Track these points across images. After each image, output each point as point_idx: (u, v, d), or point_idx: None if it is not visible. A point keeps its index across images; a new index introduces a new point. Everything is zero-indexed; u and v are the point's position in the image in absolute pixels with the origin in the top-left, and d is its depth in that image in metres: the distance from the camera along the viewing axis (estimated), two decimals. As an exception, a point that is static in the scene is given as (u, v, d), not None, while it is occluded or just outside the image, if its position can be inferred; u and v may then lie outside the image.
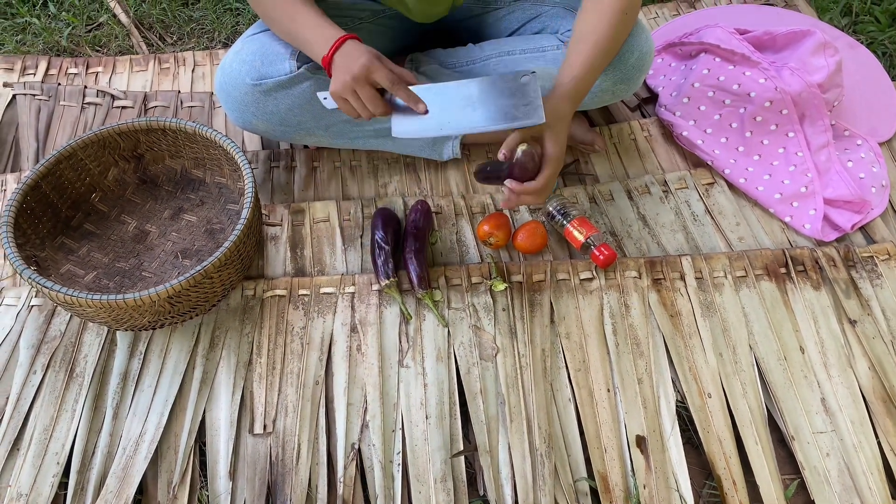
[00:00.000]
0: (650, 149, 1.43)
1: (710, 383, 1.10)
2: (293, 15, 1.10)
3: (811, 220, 1.27)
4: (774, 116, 1.34)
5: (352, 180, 1.39)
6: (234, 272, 1.16)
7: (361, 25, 1.31)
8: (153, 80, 1.60)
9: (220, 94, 1.25)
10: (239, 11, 1.81)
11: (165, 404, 1.09)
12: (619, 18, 1.08)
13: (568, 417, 1.08)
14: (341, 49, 1.05)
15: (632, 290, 1.19)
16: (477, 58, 1.29)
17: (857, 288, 1.20)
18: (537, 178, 1.04)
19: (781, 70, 1.35)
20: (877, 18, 1.67)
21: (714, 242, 1.27)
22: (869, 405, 1.08)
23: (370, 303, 1.19)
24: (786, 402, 1.09)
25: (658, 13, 1.71)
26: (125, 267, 1.24)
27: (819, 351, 1.13)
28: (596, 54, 1.07)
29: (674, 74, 1.50)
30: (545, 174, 1.04)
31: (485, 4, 1.34)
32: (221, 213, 1.31)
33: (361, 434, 1.06)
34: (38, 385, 1.11)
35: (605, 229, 1.29)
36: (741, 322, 1.16)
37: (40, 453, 1.05)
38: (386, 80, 1.03)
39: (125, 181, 1.33)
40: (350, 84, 1.03)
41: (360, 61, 1.02)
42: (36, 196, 1.19)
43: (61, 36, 1.74)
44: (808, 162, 1.32)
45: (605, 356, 1.13)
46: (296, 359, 1.13)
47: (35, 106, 1.52)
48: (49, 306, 1.20)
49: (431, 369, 1.12)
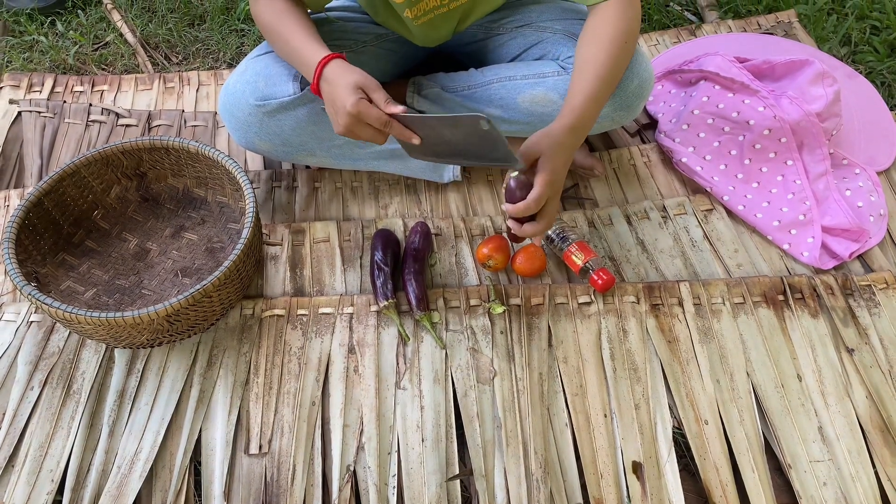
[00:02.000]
0: (649, 174, 1.43)
1: (707, 410, 1.10)
2: (288, 38, 1.11)
3: (809, 247, 1.28)
4: (773, 144, 1.35)
5: (353, 201, 1.39)
6: (234, 291, 1.16)
7: (365, 49, 1.32)
8: (158, 98, 1.62)
9: (224, 115, 1.26)
10: (244, 32, 1.83)
11: (161, 423, 1.09)
12: (619, 47, 1.09)
13: (564, 442, 1.08)
14: (324, 77, 1.05)
15: (630, 316, 1.19)
16: (478, 82, 1.30)
17: (854, 316, 1.20)
18: (525, 199, 1.03)
19: (780, 99, 1.36)
20: (875, 49, 1.69)
21: (712, 269, 1.28)
22: (866, 434, 1.08)
23: (368, 324, 1.19)
24: (783, 429, 1.08)
25: (659, 40, 1.73)
26: (125, 284, 1.24)
27: (816, 379, 1.13)
28: (597, 85, 1.08)
29: (673, 101, 1.51)
30: (531, 195, 1.02)
31: (487, 30, 1.35)
32: (222, 231, 1.31)
33: (357, 456, 1.06)
34: (34, 401, 1.11)
35: (604, 254, 1.30)
36: (739, 349, 1.16)
37: (35, 470, 1.05)
38: (377, 123, 1.01)
39: (127, 199, 1.34)
40: (347, 128, 1.03)
41: (347, 108, 1.00)
42: (38, 212, 1.20)
43: (68, 54, 1.75)
44: (806, 190, 1.33)
45: (603, 381, 1.13)
46: (293, 379, 1.13)
47: (40, 123, 1.53)
48: (48, 322, 1.20)
49: (428, 391, 1.11)
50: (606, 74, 1.08)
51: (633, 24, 1.11)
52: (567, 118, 1.07)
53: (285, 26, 1.12)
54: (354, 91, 1.01)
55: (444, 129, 1.01)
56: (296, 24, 1.11)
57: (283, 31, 1.12)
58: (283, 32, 1.12)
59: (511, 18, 1.33)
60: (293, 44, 1.11)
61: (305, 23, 1.12)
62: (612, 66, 1.09)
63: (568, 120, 1.07)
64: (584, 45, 1.11)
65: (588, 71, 1.08)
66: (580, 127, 1.08)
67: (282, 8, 1.13)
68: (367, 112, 1.00)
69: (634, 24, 1.11)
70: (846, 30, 1.72)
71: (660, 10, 1.85)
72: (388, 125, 1.01)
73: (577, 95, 1.08)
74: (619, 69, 1.12)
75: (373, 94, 1.01)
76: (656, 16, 1.83)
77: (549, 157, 1.04)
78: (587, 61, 1.09)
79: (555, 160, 1.05)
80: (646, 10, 1.85)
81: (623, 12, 1.10)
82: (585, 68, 1.09)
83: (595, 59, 1.09)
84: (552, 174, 1.04)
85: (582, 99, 1.07)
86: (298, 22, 1.12)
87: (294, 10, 1.13)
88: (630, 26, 1.10)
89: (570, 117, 1.07)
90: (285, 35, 1.12)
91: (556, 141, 1.05)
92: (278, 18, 1.12)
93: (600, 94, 1.09)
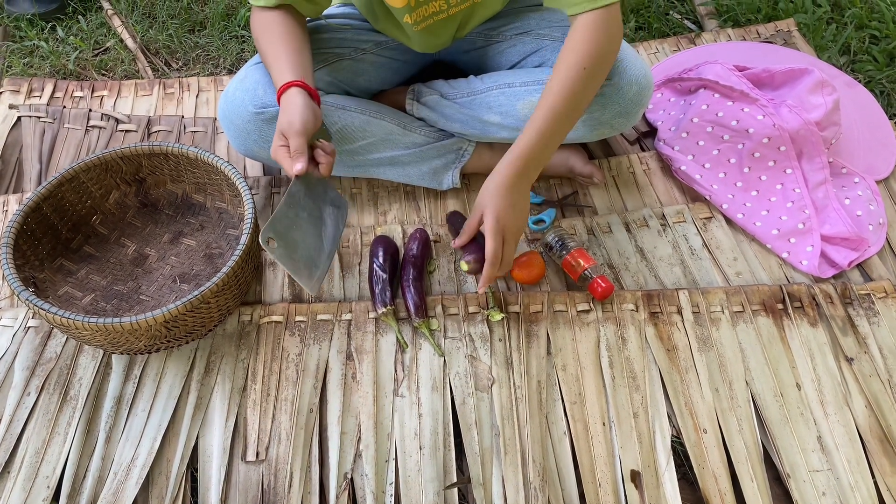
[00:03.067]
0: (649, 182, 1.43)
1: (706, 419, 1.10)
2: (266, 51, 1.15)
3: (808, 256, 1.28)
4: (772, 153, 1.35)
5: (351, 207, 1.39)
6: (232, 297, 1.16)
7: (364, 56, 1.33)
8: (157, 104, 1.62)
9: (223, 121, 1.26)
10: (244, 39, 1.84)
11: (158, 429, 1.08)
12: (578, 76, 1.06)
13: (563, 451, 1.07)
14: (280, 103, 1.09)
15: (629, 323, 1.19)
16: (477, 89, 1.30)
17: (854, 325, 1.20)
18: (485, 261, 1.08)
19: (780, 107, 1.36)
20: (874, 58, 1.69)
21: (711, 277, 1.27)
22: (865, 444, 1.08)
23: (367, 330, 1.19)
24: (782, 439, 1.08)
25: (658, 48, 1.74)
26: (123, 290, 1.24)
27: (816, 388, 1.13)
28: (551, 118, 1.07)
29: (673, 109, 1.51)
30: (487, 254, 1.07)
31: (487, 38, 1.36)
32: (221, 237, 1.31)
33: (354, 463, 1.06)
34: (31, 407, 1.11)
35: (603, 261, 1.29)
36: (738, 357, 1.16)
37: (31, 476, 1.04)
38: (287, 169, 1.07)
39: (126, 204, 1.34)
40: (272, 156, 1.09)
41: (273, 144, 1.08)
42: (37, 217, 1.20)
43: (68, 59, 1.76)
44: (805, 198, 1.33)
45: (601, 389, 1.13)
46: (290, 386, 1.13)
47: (39, 128, 1.53)
48: (45, 328, 1.20)
49: (426, 399, 1.11)
50: (562, 107, 1.07)
51: (602, 47, 1.08)
52: (514, 153, 1.08)
53: (266, 40, 1.15)
54: (279, 136, 1.07)
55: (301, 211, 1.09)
56: (276, 37, 1.14)
57: (263, 44, 1.16)
58: (263, 45, 1.16)
59: (511, 26, 1.33)
60: (268, 59, 1.15)
61: (288, 39, 1.14)
62: (570, 97, 1.07)
63: (514, 156, 1.08)
64: (557, 65, 1.09)
65: (543, 106, 1.08)
66: (532, 159, 1.08)
67: (269, 19, 1.15)
68: (280, 159, 1.07)
69: (606, 46, 1.08)
70: (845, 39, 1.72)
71: (659, 18, 1.85)
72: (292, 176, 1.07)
73: (528, 130, 1.08)
74: (581, 97, 1.09)
75: (278, 154, 1.07)
76: (656, 24, 1.83)
77: (490, 206, 1.07)
78: (546, 94, 1.08)
79: (497, 203, 1.07)
80: (645, 18, 1.85)
81: (593, 34, 1.07)
82: (542, 103, 1.08)
83: (551, 91, 1.08)
84: (496, 222, 1.07)
85: (532, 134, 1.08)
86: (281, 37, 1.14)
87: (282, 24, 1.15)
88: (599, 49, 1.07)
89: (517, 152, 1.08)
90: (264, 48, 1.15)
91: (498, 184, 1.07)
92: (264, 31, 1.16)
93: (555, 127, 1.08)
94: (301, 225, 1.08)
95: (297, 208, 1.07)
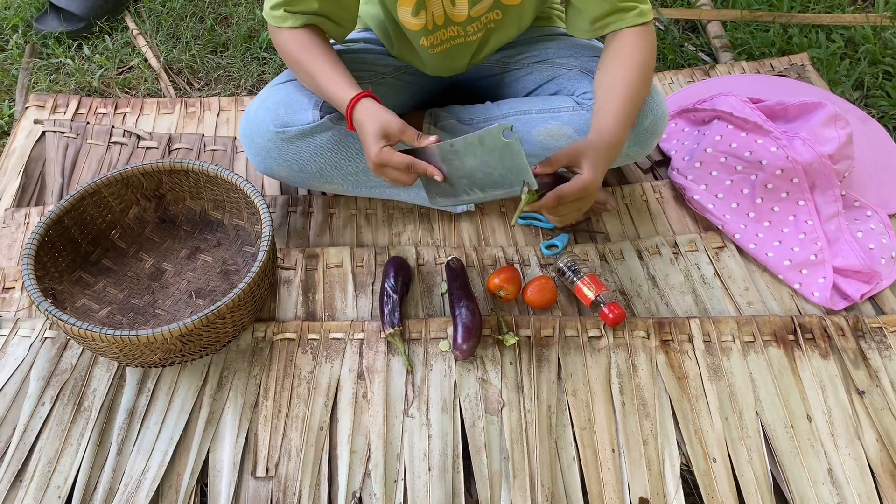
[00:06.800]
0: (661, 210, 1.44)
1: (716, 448, 1.09)
2: (313, 71, 1.15)
3: (820, 288, 1.28)
4: (785, 184, 1.36)
5: (367, 228, 1.41)
6: (247, 313, 1.18)
7: (384, 80, 1.35)
8: (178, 122, 1.65)
9: (244, 140, 1.28)
10: (265, 61, 1.87)
11: (170, 443, 1.09)
12: (643, 72, 1.13)
13: (571, 476, 1.07)
14: (354, 119, 1.09)
15: (640, 351, 1.20)
16: (493, 115, 1.32)
17: (865, 358, 1.20)
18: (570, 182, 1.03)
19: (793, 140, 1.38)
20: (888, 93, 1.70)
21: (723, 306, 1.28)
22: (876, 478, 1.07)
23: (378, 350, 1.19)
24: (792, 470, 1.08)
25: (673, 79, 1.76)
26: (139, 304, 1.26)
27: (826, 420, 1.12)
28: (627, 105, 1.10)
29: (687, 139, 1.53)
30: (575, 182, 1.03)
31: (504, 65, 1.38)
32: (237, 254, 1.33)
33: (363, 483, 1.06)
34: (45, 417, 1.12)
35: (615, 288, 1.30)
36: (748, 387, 1.16)
37: (42, 486, 1.05)
38: (400, 167, 1.05)
39: (145, 219, 1.36)
40: (376, 174, 1.08)
41: (372, 158, 1.05)
42: (58, 230, 1.22)
43: (93, 77, 1.79)
44: (818, 230, 1.33)
45: (612, 416, 1.13)
46: (302, 403, 1.14)
47: (63, 143, 1.56)
48: (62, 339, 1.21)
49: (436, 420, 1.12)
50: (634, 95, 1.11)
51: (652, 52, 1.16)
52: (602, 134, 1.07)
53: (310, 60, 1.15)
54: (378, 140, 1.05)
55: (468, 155, 1.03)
56: (321, 57, 1.14)
57: (308, 64, 1.15)
58: (308, 65, 1.15)
59: (527, 54, 1.35)
60: (318, 78, 1.14)
61: (330, 56, 1.15)
62: (640, 88, 1.12)
63: (603, 135, 1.07)
64: (609, 68, 1.14)
65: (617, 92, 1.10)
66: (615, 144, 1.08)
67: (306, 40, 1.15)
68: (389, 160, 1.05)
69: (653, 53, 1.16)
70: (859, 74, 1.74)
71: (674, 49, 1.87)
72: (411, 167, 1.05)
73: (609, 115, 1.08)
74: (643, 94, 1.15)
75: (403, 137, 1.05)
76: (671, 55, 1.86)
77: (591, 161, 1.04)
78: (615, 83, 1.11)
79: (599, 166, 1.04)
80: (661, 49, 1.87)
81: (644, 40, 1.14)
82: (613, 89, 1.10)
83: (623, 80, 1.11)
84: (592, 181, 1.03)
85: (614, 117, 1.09)
86: (323, 55, 1.14)
87: (318, 42, 1.16)
88: (650, 54, 1.15)
89: (605, 133, 1.07)
90: (309, 68, 1.15)
91: (598, 152, 1.05)
92: (303, 50, 1.15)
93: (630, 115, 1.10)
94: (464, 162, 1.04)
95: (464, 155, 1.03)
